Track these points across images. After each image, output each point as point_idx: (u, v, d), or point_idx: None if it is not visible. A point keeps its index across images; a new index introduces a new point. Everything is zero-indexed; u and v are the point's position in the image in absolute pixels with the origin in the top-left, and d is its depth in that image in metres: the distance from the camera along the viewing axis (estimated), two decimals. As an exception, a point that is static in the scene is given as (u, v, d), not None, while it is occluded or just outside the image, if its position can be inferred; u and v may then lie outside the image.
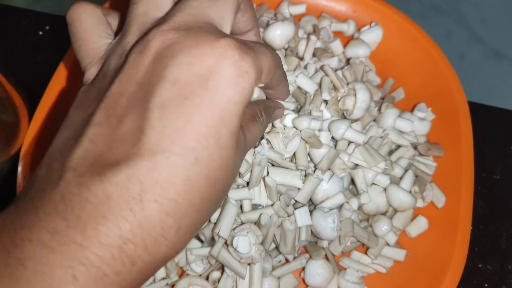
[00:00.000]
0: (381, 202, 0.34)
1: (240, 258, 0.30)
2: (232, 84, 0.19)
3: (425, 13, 0.57)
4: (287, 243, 0.31)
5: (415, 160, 0.37)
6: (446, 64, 0.39)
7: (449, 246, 0.33)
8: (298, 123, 0.32)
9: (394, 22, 0.41)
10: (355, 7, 0.43)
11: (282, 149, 0.32)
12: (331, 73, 0.35)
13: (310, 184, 0.32)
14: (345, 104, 0.35)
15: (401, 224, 0.35)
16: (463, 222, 0.33)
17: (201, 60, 0.19)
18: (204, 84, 0.19)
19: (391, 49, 0.41)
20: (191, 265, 0.32)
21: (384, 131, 0.36)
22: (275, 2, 0.43)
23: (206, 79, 0.19)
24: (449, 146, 0.37)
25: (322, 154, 0.32)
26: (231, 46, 0.19)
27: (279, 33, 0.36)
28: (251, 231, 0.30)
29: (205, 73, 0.19)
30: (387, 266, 0.34)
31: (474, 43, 0.55)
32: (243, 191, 0.31)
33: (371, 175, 0.34)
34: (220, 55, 0.19)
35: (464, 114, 0.37)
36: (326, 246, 0.33)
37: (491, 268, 0.39)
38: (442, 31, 0.55)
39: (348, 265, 0.34)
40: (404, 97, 0.41)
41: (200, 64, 0.19)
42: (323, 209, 0.32)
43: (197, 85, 0.19)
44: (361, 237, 0.33)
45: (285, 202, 0.32)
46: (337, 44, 0.40)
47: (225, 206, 0.31)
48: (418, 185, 0.35)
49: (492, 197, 0.42)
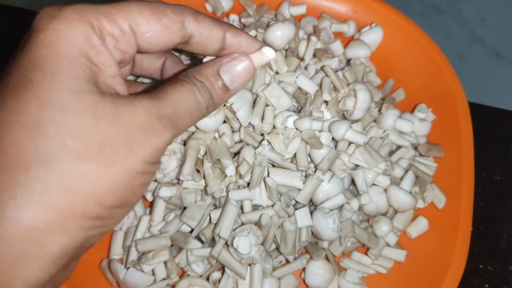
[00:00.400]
0: (381, 202, 0.34)
1: (241, 259, 0.30)
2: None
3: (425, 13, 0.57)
4: (288, 244, 0.31)
5: (415, 161, 0.37)
6: (446, 65, 0.39)
7: (449, 246, 0.33)
8: (299, 124, 0.32)
9: (394, 22, 0.41)
10: (355, 8, 0.43)
11: (282, 150, 0.32)
12: (331, 74, 0.35)
13: (310, 184, 0.32)
14: (345, 104, 0.35)
15: (402, 225, 0.35)
16: (464, 223, 0.33)
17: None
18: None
19: (392, 50, 0.41)
20: (191, 265, 0.32)
21: (385, 131, 0.36)
22: (275, 3, 0.43)
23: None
24: (450, 147, 0.37)
25: (323, 154, 0.32)
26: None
27: (279, 34, 0.36)
28: (251, 231, 0.30)
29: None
30: (388, 267, 0.34)
31: (475, 44, 0.55)
32: (244, 191, 0.31)
33: (372, 175, 0.34)
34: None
35: (464, 115, 0.37)
36: (327, 246, 0.33)
37: (491, 269, 0.39)
38: (442, 31, 0.55)
39: (348, 266, 0.34)
40: (404, 98, 0.41)
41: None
42: (324, 210, 0.32)
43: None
44: (361, 237, 0.33)
45: (286, 202, 0.32)
46: (338, 45, 0.40)
47: (225, 206, 0.31)
48: (418, 185, 0.35)
49: (492, 198, 0.42)
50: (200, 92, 0.22)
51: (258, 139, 0.32)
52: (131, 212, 0.34)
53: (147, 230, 0.33)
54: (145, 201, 0.35)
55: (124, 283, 0.31)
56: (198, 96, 0.22)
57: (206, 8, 0.43)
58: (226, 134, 0.32)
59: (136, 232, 0.33)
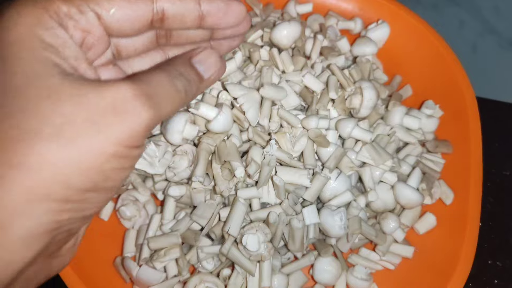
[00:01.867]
0: (388, 199, 0.34)
1: (250, 256, 0.31)
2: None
3: (437, 3, 0.55)
4: (296, 241, 0.32)
5: (423, 158, 0.37)
6: (454, 60, 0.39)
7: (457, 242, 0.33)
8: (307, 123, 0.32)
9: (401, 19, 0.41)
10: (361, 5, 0.43)
11: (289, 148, 0.32)
12: (337, 72, 0.35)
13: (317, 182, 0.32)
14: (352, 102, 0.35)
15: (409, 221, 0.35)
16: (472, 219, 0.34)
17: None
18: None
19: (399, 46, 0.41)
20: (202, 262, 0.33)
21: (392, 129, 0.36)
22: (282, 2, 0.43)
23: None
24: (458, 143, 0.37)
25: (330, 152, 0.33)
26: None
27: (285, 34, 0.37)
28: (260, 229, 0.31)
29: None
30: (395, 263, 0.35)
31: (488, 34, 0.53)
32: (252, 190, 0.32)
33: (379, 173, 0.34)
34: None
35: (472, 110, 0.37)
36: (334, 243, 0.34)
37: (500, 265, 0.39)
38: (454, 22, 0.54)
39: (356, 262, 0.34)
40: (411, 94, 0.41)
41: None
42: (331, 207, 0.32)
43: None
44: (369, 234, 0.33)
45: (293, 200, 0.32)
46: (344, 42, 0.40)
47: (234, 205, 0.31)
48: (426, 182, 0.35)
49: (502, 193, 0.42)
50: (177, 78, 0.21)
51: (266, 139, 0.33)
52: (142, 210, 0.35)
53: (158, 228, 0.34)
54: (156, 200, 0.36)
55: (137, 280, 0.32)
56: (175, 80, 0.21)
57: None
58: (234, 134, 0.32)
59: (148, 230, 0.34)
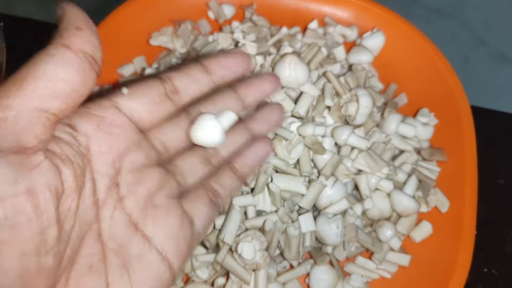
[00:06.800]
0: (384, 207, 0.34)
1: (245, 264, 0.31)
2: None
3: (429, 17, 0.57)
4: (292, 249, 0.31)
5: (418, 165, 0.37)
6: (448, 69, 0.39)
7: (453, 250, 0.33)
8: (303, 130, 0.32)
9: (396, 27, 0.42)
10: (357, 13, 0.43)
11: (286, 156, 0.32)
12: (333, 80, 0.35)
13: (313, 190, 0.32)
14: (347, 110, 0.35)
15: (405, 229, 0.35)
16: (467, 227, 0.33)
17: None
18: None
19: (394, 54, 0.42)
20: (196, 271, 0.32)
21: (387, 136, 0.36)
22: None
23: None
24: (452, 151, 0.37)
25: (326, 160, 0.33)
26: None
27: (287, 74, 0.34)
28: (255, 237, 0.31)
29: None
30: (392, 271, 0.34)
31: (479, 46, 0.54)
32: (248, 197, 0.32)
33: (375, 180, 0.34)
34: None
35: (466, 119, 0.37)
36: (331, 251, 0.34)
37: (496, 273, 0.39)
38: (446, 34, 0.55)
39: (352, 271, 0.34)
40: (407, 102, 0.41)
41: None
42: (327, 215, 0.32)
43: None
44: (365, 242, 0.33)
45: (289, 208, 0.32)
46: (340, 50, 0.40)
47: (229, 212, 0.31)
48: (421, 190, 0.35)
49: (496, 202, 0.42)
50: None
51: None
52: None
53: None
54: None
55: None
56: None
57: (209, 16, 0.43)
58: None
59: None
